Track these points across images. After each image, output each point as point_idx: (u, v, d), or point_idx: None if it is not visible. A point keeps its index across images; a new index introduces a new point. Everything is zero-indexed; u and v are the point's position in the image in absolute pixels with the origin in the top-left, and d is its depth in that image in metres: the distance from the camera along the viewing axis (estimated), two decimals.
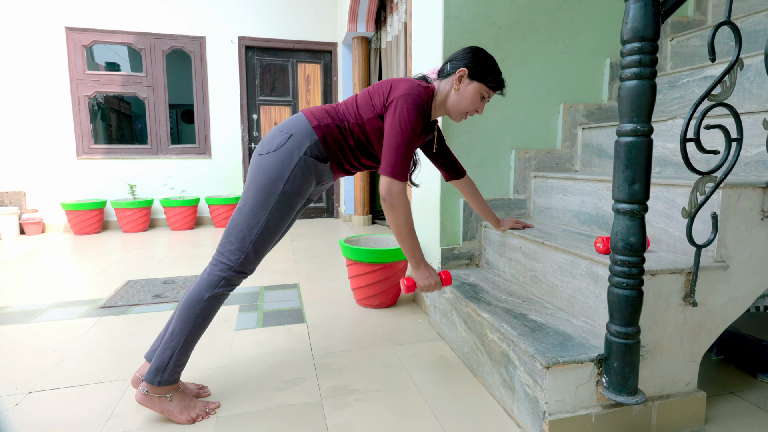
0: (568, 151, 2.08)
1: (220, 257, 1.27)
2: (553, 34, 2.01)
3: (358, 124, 1.33)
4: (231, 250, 1.26)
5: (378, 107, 1.31)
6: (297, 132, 1.30)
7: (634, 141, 1.00)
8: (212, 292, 1.25)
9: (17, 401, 1.36)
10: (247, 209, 1.27)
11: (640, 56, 0.97)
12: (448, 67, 1.36)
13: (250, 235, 1.26)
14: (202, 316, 1.26)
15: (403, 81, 1.32)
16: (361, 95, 1.37)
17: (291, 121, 1.34)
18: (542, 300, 1.54)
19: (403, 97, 1.25)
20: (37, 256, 3.39)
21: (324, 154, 1.33)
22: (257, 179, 1.27)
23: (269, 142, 1.30)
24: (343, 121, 1.34)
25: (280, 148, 1.28)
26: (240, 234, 1.26)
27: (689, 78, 1.88)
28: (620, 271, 1.05)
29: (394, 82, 1.32)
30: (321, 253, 3.40)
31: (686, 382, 1.25)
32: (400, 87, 1.29)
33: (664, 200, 1.36)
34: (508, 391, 1.28)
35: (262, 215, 1.26)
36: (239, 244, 1.26)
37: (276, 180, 1.26)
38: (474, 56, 1.33)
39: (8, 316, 2.08)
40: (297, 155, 1.28)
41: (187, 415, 1.26)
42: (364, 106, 1.33)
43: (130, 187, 4.53)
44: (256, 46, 4.86)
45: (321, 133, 1.31)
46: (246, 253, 1.26)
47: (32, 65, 4.27)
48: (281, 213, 1.28)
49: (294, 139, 1.29)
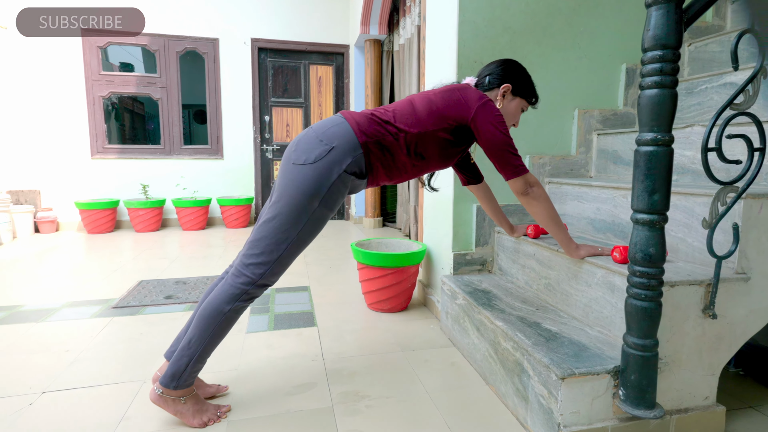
0: (582, 157, 2.06)
1: (243, 269, 1.22)
2: (569, 39, 1.99)
3: (420, 134, 1.26)
4: (256, 263, 1.21)
5: (452, 119, 1.27)
6: (339, 144, 1.20)
7: (654, 150, 0.98)
8: (233, 305, 1.22)
9: (31, 401, 1.38)
10: (277, 224, 1.20)
11: (661, 65, 0.95)
12: (487, 80, 1.38)
13: (278, 250, 1.20)
14: (221, 327, 1.24)
15: (469, 90, 1.30)
16: (420, 103, 1.29)
17: (332, 129, 1.23)
18: (556, 308, 1.52)
19: (485, 104, 1.26)
20: (51, 254, 3.43)
21: (364, 170, 1.25)
22: (290, 193, 1.19)
23: (306, 151, 1.20)
24: (399, 132, 1.25)
25: (319, 161, 1.19)
26: (267, 248, 1.20)
27: (708, 84, 1.85)
28: (639, 283, 1.03)
29: (462, 92, 1.29)
30: (332, 255, 3.40)
31: (705, 395, 1.22)
32: (472, 95, 1.28)
33: (683, 209, 1.34)
34: (522, 401, 1.27)
35: (293, 232, 1.20)
36: (265, 258, 1.21)
37: (312, 197, 1.19)
38: (517, 73, 1.38)
39: (22, 314, 2.10)
40: (337, 171, 1.19)
41: (199, 419, 1.26)
42: (430, 116, 1.26)
43: (143, 187, 4.58)
44: (268, 48, 4.89)
45: (366, 147, 1.23)
46: (271, 267, 1.22)
47: (48, 66, 4.33)
48: (312, 229, 1.23)
49: (335, 153, 1.19)
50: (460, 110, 1.27)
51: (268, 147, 5.00)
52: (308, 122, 5.09)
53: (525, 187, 1.30)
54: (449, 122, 1.27)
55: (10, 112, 4.28)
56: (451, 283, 1.83)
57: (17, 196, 4.36)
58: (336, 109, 5.15)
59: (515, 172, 1.28)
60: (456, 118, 1.27)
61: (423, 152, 1.29)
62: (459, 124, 1.28)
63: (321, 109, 5.12)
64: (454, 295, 1.80)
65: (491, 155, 1.28)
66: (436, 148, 1.30)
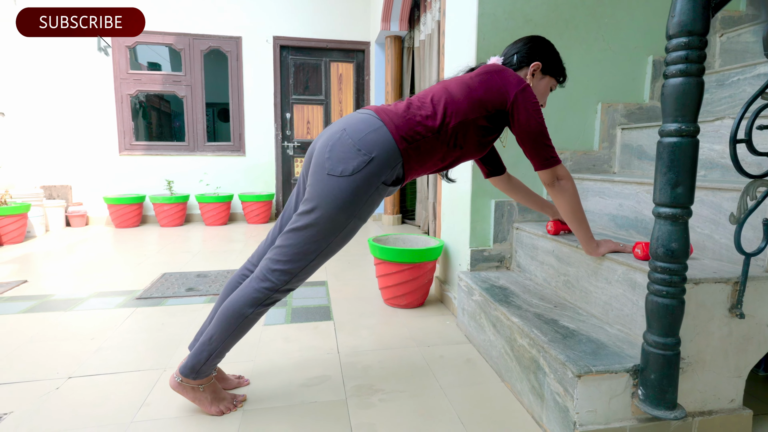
0: (606, 152, 2.01)
1: (269, 275, 1.19)
2: (593, 31, 1.94)
3: (460, 124, 1.19)
4: (282, 270, 1.18)
5: (491, 105, 1.20)
6: (379, 155, 1.12)
7: (678, 142, 0.95)
8: (256, 309, 1.21)
9: (58, 385, 1.43)
10: (308, 234, 1.15)
11: (687, 52, 0.92)
12: (516, 58, 1.32)
13: (306, 259, 1.17)
14: (241, 327, 1.24)
15: (507, 73, 1.22)
16: (458, 89, 1.21)
17: (370, 136, 1.13)
18: (575, 306, 1.49)
19: (524, 90, 1.19)
20: (81, 247, 3.56)
21: (402, 177, 1.19)
22: (325, 206, 1.12)
23: (343, 161, 1.11)
24: (441, 127, 1.17)
25: (357, 173, 1.11)
26: (294, 257, 1.16)
27: (740, 76, 1.77)
28: (660, 279, 0.99)
29: (500, 76, 1.22)
30: (350, 251, 3.42)
31: (730, 398, 1.17)
32: (512, 79, 1.20)
33: (710, 205, 1.29)
34: (537, 399, 1.24)
35: (323, 243, 1.16)
36: (292, 266, 1.17)
37: (348, 211, 1.13)
38: (547, 50, 1.32)
39: (52, 303, 2.19)
40: (375, 184, 1.13)
41: (216, 407, 1.28)
42: (470, 103, 1.19)
43: (168, 182, 4.69)
44: (290, 46, 4.94)
45: (407, 154, 1.15)
46: (296, 275, 1.19)
47: (79, 66, 4.49)
48: (342, 240, 1.19)
49: (375, 165, 1.11)
50: (500, 95, 1.20)
51: (289, 144, 5.05)
52: (329, 119, 5.12)
53: (553, 179, 1.26)
54: (488, 109, 1.20)
55: (44, 111, 4.45)
56: (467, 279, 1.81)
57: (50, 191, 4.54)
58: (356, 106, 5.16)
59: (546, 163, 1.24)
60: (495, 104, 1.20)
61: (462, 143, 1.22)
62: (497, 110, 1.21)
63: (341, 107, 5.14)
64: (470, 291, 1.78)
65: (524, 143, 1.23)
66: (475, 137, 1.23)
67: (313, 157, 1.19)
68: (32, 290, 2.39)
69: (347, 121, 1.18)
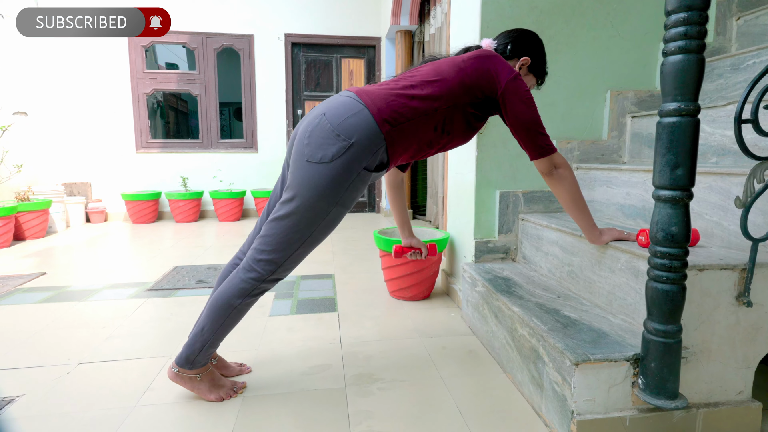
0: (615, 141, 1.96)
1: (254, 264, 1.18)
2: (601, 17, 1.89)
3: (450, 108, 1.16)
4: (266, 260, 1.17)
5: (481, 91, 1.18)
6: (359, 140, 1.08)
7: (677, 121, 0.92)
8: (244, 300, 1.21)
9: (68, 371, 1.47)
10: (290, 223, 1.13)
11: (685, 27, 0.88)
12: (509, 48, 1.30)
13: (290, 248, 1.16)
14: (232, 318, 1.24)
15: (499, 61, 1.20)
16: (450, 71, 1.17)
17: (350, 120, 1.09)
18: (579, 296, 1.46)
19: (515, 79, 1.17)
20: (99, 242, 3.65)
21: (386, 161, 1.17)
22: (305, 194, 1.10)
23: (322, 147, 1.09)
24: (429, 109, 1.14)
25: (337, 159, 1.08)
26: (278, 246, 1.15)
27: (756, 59, 1.71)
28: (660, 264, 0.96)
29: (492, 62, 1.19)
30: (359, 246, 3.42)
31: (738, 390, 1.13)
32: (503, 68, 1.18)
33: (719, 191, 1.25)
34: (537, 389, 1.22)
35: (306, 232, 1.14)
36: (276, 255, 1.16)
37: (328, 199, 1.11)
38: (538, 48, 1.33)
39: (69, 294, 2.25)
40: (356, 169, 1.10)
41: (216, 394, 1.30)
42: (462, 87, 1.17)
43: (183, 179, 4.78)
44: (301, 43, 4.96)
45: (390, 137, 1.12)
46: (281, 265, 1.18)
47: (97, 66, 4.60)
48: (326, 228, 1.18)
49: (355, 150, 1.08)
50: (491, 83, 1.18)
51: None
52: None
53: (550, 168, 1.24)
54: (478, 95, 1.19)
55: (64, 110, 4.58)
56: (471, 271, 1.80)
57: (71, 188, 4.67)
58: None
59: (541, 152, 1.22)
60: (485, 90, 1.18)
61: (450, 129, 1.21)
62: (486, 96, 1.20)
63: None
64: (474, 282, 1.76)
65: (517, 133, 1.22)
66: (463, 123, 1.22)
67: (294, 143, 1.17)
68: (50, 282, 2.47)
69: (327, 105, 1.16)
